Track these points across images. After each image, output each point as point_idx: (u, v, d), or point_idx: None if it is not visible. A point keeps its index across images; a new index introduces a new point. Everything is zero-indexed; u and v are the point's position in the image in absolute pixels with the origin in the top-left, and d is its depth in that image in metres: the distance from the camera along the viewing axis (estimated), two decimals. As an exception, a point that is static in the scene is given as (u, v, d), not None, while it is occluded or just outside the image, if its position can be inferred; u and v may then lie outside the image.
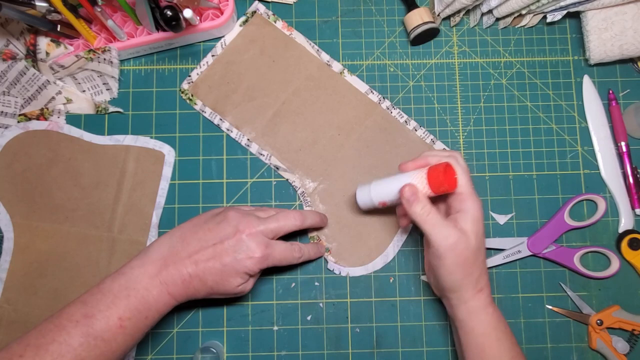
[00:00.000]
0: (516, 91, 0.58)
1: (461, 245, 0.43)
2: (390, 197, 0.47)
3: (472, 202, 0.44)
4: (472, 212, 0.44)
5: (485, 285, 0.46)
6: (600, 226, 0.55)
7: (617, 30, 0.54)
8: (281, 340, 0.53)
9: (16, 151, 0.54)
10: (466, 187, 0.45)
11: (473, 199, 0.44)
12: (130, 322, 0.41)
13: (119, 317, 0.41)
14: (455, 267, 0.44)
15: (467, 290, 0.45)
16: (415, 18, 0.55)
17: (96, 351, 0.39)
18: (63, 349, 0.38)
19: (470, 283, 0.45)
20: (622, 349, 0.52)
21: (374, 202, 0.49)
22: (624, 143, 0.56)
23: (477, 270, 0.45)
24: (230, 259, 0.44)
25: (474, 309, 0.45)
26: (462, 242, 0.43)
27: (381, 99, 0.56)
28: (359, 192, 0.50)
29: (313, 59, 0.57)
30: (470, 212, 0.44)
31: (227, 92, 0.56)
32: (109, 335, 0.40)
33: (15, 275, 0.52)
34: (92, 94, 0.56)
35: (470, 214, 0.44)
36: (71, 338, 0.39)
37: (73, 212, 0.54)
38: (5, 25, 0.55)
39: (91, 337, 0.39)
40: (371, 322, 0.54)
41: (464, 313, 0.45)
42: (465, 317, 0.45)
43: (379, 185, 0.48)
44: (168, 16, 0.48)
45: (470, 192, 0.45)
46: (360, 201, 0.50)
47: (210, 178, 0.55)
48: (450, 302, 0.46)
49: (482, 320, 0.45)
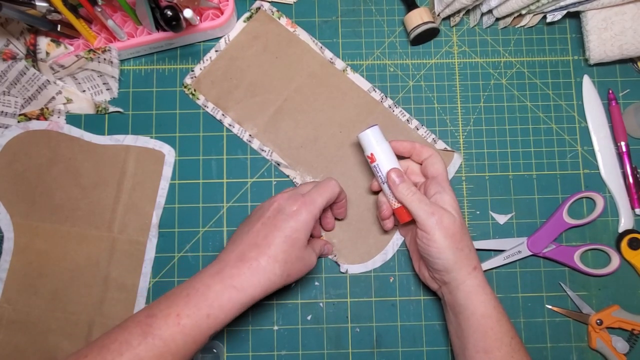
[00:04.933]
0: (516, 91, 0.58)
1: (446, 219, 0.45)
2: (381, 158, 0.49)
3: (448, 184, 0.48)
4: (449, 192, 0.47)
5: (477, 263, 0.47)
6: (600, 226, 0.55)
7: (617, 30, 0.54)
8: (281, 340, 0.53)
9: (16, 151, 0.54)
10: (443, 172, 0.49)
11: (448, 182, 0.49)
12: (189, 319, 0.39)
13: (177, 314, 0.39)
14: (445, 242, 0.45)
15: (461, 268, 0.46)
16: (415, 18, 0.55)
17: (155, 351, 0.38)
18: (123, 347, 0.38)
19: (462, 260, 0.46)
20: (622, 349, 0.52)
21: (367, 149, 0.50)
22: (623, 143, 0.56)
23: (467, 247, 0.46)
24: (282, 221, 0.43)
25: (473, 288, 0.45)
26: (446, 217, 0.45)
27: (383, 97, 0.56)
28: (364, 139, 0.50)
29: (316, 56, 0.57)
30: (447, 192, 0.47)
31: (230, 87, 0.56)
32: (167, 334, 0.39)
33: (15, 275, 0.52)
34: (92, 94, 0.56)
35: (448, 194, 0.47)
36: (132, 337, 0.38)
37: (73, 212, 0.54)
38: (5, 25, 0.55)
39: (150, 336, 0.38)
40: (371, 322, 0.54)
41: (462, 295, 0.46)
42: (465, 300, 0.45)
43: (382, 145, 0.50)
44: (168, 16, 0.48)
45: (446, 176, 0.49)
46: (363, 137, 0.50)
47: (210, 178, 0.55)
48: (448, 287, 0.47)
49: (482, 300, 0.45)
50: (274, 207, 0.45)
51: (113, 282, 0.53)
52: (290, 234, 0.43)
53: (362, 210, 0.55)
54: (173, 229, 0.54)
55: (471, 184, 0.56)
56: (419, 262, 0.52)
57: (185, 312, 0.40)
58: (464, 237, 0.46)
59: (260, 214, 0.45)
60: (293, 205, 0.44)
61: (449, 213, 0.46)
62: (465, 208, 0.55)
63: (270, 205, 0.45)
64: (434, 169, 0.49)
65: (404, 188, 0.47)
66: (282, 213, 0.44)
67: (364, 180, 0.55)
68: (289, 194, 0.46)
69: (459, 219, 0.46)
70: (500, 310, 0.46)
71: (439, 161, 0.49)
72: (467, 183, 0.56)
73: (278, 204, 0.45)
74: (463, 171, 0.56)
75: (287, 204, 0.45)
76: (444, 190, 0.47)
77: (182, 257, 0.54)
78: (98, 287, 0.52)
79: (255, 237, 0.43)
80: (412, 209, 0.47)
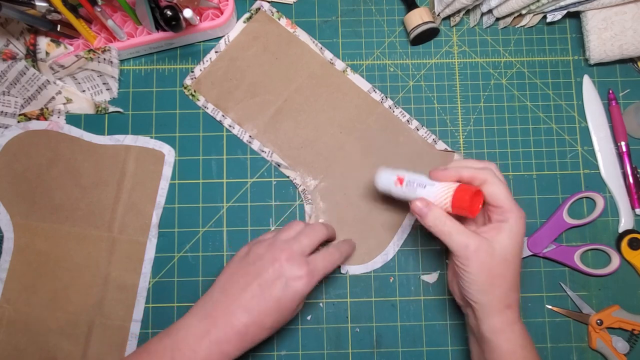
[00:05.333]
0: (516, 91, 0.58)
1: (483, 252, 0.41)
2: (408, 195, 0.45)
3: (512, 215, 0.42)
4: (511, 223, 0.42)
5: (514, 302, 0.42)
6: (600, 226, 0.55)
7: (617, 30, 0.54)
8: (281, 340, 0.53)
9: (16, 151, 0.54)
10: (506, 200, 0.42)
11: (513, 211, 0.42)
12: None
13: None
14: (479, 276, 0.41)
15: (492, 304, 0.42)
16: (415, 18, 0.55)
17: None
18: None
19: (496, 296, 0.42)
20: (622, 349, 0.52)
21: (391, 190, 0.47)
22: (623, 143, 0.56)
23: (506, 284, 0.42)
24: (280, 290, 0.41)
25: (500, 325, 0.42)
26: (483, 250, 0.41)
27: (383, 97, 0.56)
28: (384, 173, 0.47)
29: (316, 57, 0.57)
30: (508, 224, 0.42)
31: (230, 88, 0.56)
32: None
33: (15, 275, 0.52)
34: (92, 94, 0.56)
35: (508, 226, 0.42)
36: None
37: (73, 212, 0.54)
38: (5, 25, 0.55)
39: None
40: (371, 322, 0.54)
41: (488, 329, 0.42)
42: (490, 334, 0.42)
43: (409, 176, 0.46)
44: (168, 16, 0.48)
45: (510, 204, 0.42)
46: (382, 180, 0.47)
47: (210, 178, 0.55)
48: (475, 314, 0.43)
49: (509, 338, 0.42)
50: (275, 269, 0.42)
51: (113, 282, 0.53)
52: (285, 303, 0.42)
53: (363, 211, 0.55)
54: (173, 229, 0.54)
55: (471, 184, 0.56)
56: (453, 274, 0.48)
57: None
58: (505, 273, 0.42)
59: (258, 270, 0.42)
60: (296, 271, 0.42)
61: (486, 245, 0.41)
62: (465, 208, 0.55)
63: (271, 265, 0.42)
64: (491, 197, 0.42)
65: (430, 219, 0.43)
66: (281, 279, 0.42)
67: (364, 181, 0.55)
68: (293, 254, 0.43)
69: (501, 252, 0.41)
70: (528, 349, 0.42)
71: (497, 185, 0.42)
72: (467, 183, 0.56)
73: (280, 267, 0.42)
74: (463, 171, 0.56)
75: (290, 268, 0.42)
76: (505, 219, 0.42)
77: (182, 257, 0.54)
78: (98, 287, 0.52)
79: (248, 300, 0.41)
80: (444, 240, 0.42)
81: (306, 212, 0.55)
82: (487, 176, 0.42)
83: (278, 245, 0.44)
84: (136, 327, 0.52)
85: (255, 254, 0.44)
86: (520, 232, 0.42)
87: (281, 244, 0.44)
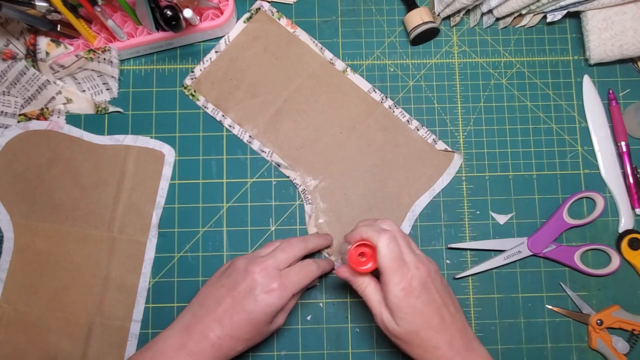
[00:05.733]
0: (516, 91, 0.58)
1: (388, 323, 0.43)
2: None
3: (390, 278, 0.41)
4: (390, 288, 0.41)
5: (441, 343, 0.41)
6: (600, 226, 0.55)
7: (617, 30, 0.54)
8: (281, 340, 0.53)
9: (16, 151, 0.54)
10: (385, 261, 0.42)
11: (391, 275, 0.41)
12: None
13: None
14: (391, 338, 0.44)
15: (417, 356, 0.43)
16: (415, 18, 0.55)
17: None
18: None
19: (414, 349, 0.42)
20: (622, 349, 0.52)
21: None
22: (624, 143, 0.56)
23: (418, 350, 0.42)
24: (251, 303, 0.42)
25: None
26: (388, 320, 0.42)
27: (383, 98, 0.56)
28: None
29: (316, 57, 0.57)
30: (388, 288, 0.42)
31: (230, 88, 0.56)
32: None
33: (15, 275, 0.52)
34: (92, 94, 0.56)
35: (390, 291, 0.41)
36: None
37: (73, 212, 0.54)
38: (5, 25, 0.55)
39: None
40: (371, 322, 0.54)
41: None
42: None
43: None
44: (168, 16, 0.48)
45: (388, 266, 0.41)
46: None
47: (210, 178, 0.55)
48: None
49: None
50: (247, 282, 0.43)
51: (113, 282, 0.53)
52: (257, 317, 0.43)
53: (362, 211, 0.55)
54: (173, 229, 0.54)
55: (471, 184, 0.56)
56: None
57: None
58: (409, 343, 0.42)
59: (233, 283, 0.44)
60: (268, 284, 0.43)
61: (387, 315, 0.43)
62: (465, 208, 0.55)
63: (244, 279, 0.43)
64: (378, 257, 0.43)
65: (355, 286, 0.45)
66: (252, 293, 0.43)
67: (364, 181, 0.55)
68: (267, 268, 0.44)
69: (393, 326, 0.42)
70: None
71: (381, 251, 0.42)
72: (467, 183, 0.56)
73: (252, 280, 0.43)
74: (463, 171, 0.56)
75: (262, 281, 0.43)
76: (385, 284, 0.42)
77: (182, 257, 0.54)
78: (98, 287, 0.52)
79: (222, 314, 0.43)
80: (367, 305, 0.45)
81: (306, 212, 0.55)
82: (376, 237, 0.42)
83: (254, 260, 0.45)
84: (136, 327, 0.52)
85: (234, 267, 0.45)
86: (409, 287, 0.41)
87: (257, 259, 0.45)
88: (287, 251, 0.46)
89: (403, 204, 0.55)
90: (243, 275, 0.44)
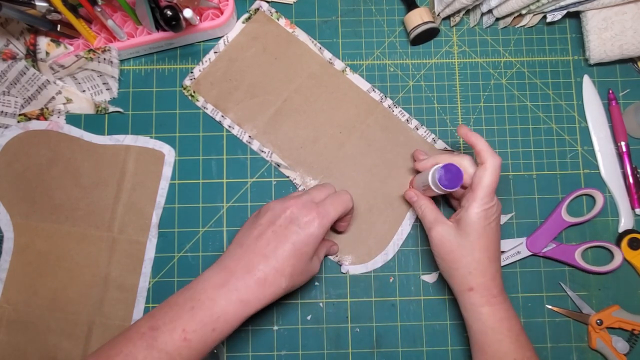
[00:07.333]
0: (516, 91, 0.58)
1: (445, 237, 0.46)
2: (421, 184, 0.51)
3: (481, 197, 0.45)
4: (476, 204, 0.45)
5: (477, 285, 0.45)
6: (600, 226, 0.55)
7: (617, 30, 0.54)
8: (281, 340, 0.53)
9: (16, 151, 0.54)
10: (487, 180, 0.45)
11: (483, 194, 0.45)
12: (196, 334, 0.39)
13: (183, 330, 0.39)
14: (442, 256, 0.47)
15: (455, 284, 0.47)
16: (415, 18, 0.55)
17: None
18: None
19: (456, 278, 0.46)
20: (622, 349, 0.52)
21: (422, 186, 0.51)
22: (623, 143, 0.56)
23: (463, 267, 0.46)
24: (294, 233, 0.42)
25: (468, 305, 0.46)
26: (446, 234, 0.46)
27: (383, 97, 0.56)
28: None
29: (315, 57, 0.57)
30: (472, 204, 0.45)
31: (230, 89, 0.56)
32: (173, 348, 0.38)
33: (15, 275, 0.52)
34: (92, 94, 0.56)
35: (467, 210, 0.45)
36: (136, 350, 0.38)
37: (73, 212, 0.54)
38: (5, 25, 0.55)
39: (155, 349, 0.38)
40: (371, 322, 0.54)
41: (461, 306, 0.47)
42: (463, 311, 0.47)
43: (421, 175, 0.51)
44: (168, 16, 0.48)
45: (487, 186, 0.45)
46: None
47: (210, 178, 0.55)
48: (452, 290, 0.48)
49: (477, 319, 0.46)
50: (286, 215, 0.43)
51: (113, 282, 0.53)
52: (301, 247, 0.42)
53: (363, 211, 0.55)
54: (173, 229, 0.54)
55: (471, 184, 0.56)
56: None
57: (191, 326, 0.39)
58: (462, 257, 0.46)
59: (270, 219, 0.44)
60: (307, 215, 0.43)
61: (449, 230, 0.47)
62: (465, 208, 0.55)
63: (283, 212, 0.43)
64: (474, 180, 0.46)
65: (416, 206, 0.51)
66: (294, 223, 0.43)
67: (364, 181, 0.55)
68: (303, 202, 0.44)
69: (458, 237, 0.46)
70: (502, 332, 0.45)
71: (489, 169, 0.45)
72: (467, 183, 0.56)
73: (291, 212, 0.43)
74: (463, 171, 0.56)
75: (300, 213, 0.43)
76: (465, 204, 0.46)
77: (182, 257, 0.54)
78: (98, 287, 0.52)
79: (264, 247, 0.42)
80: (423, 224, 0.49)
81: (306, 212, 0.55)
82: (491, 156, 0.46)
83: (288, 198, 0.45)
84: (136, 327, 0.52)
85: (266, 209, 0.45)
86: (482, 216, 0.45)
87: (290, 198, 0.45)
88: (319, 189, 0.47)
89: (403, 204, 0.55)
90: (281, 210, 0.44)
